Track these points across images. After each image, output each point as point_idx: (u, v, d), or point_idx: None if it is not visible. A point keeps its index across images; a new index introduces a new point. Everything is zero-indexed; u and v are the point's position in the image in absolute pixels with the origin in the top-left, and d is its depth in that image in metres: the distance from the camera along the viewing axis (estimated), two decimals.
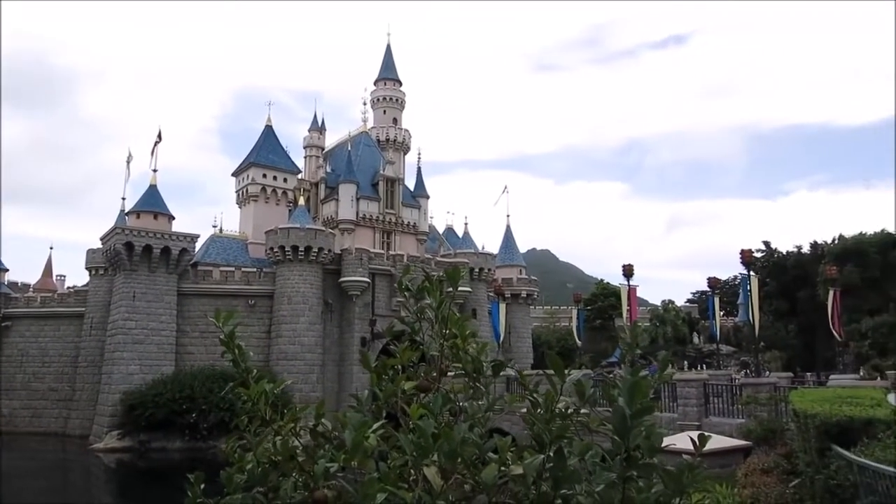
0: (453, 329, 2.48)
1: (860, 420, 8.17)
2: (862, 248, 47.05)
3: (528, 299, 60.86)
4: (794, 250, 55.01)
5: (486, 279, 54.44)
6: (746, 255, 23.24)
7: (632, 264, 27.79)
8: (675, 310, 68.17)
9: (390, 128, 60.90)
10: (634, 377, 1.96)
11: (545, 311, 79.21)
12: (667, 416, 20.97)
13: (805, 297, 48.02)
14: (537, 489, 1.91)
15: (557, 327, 72.16)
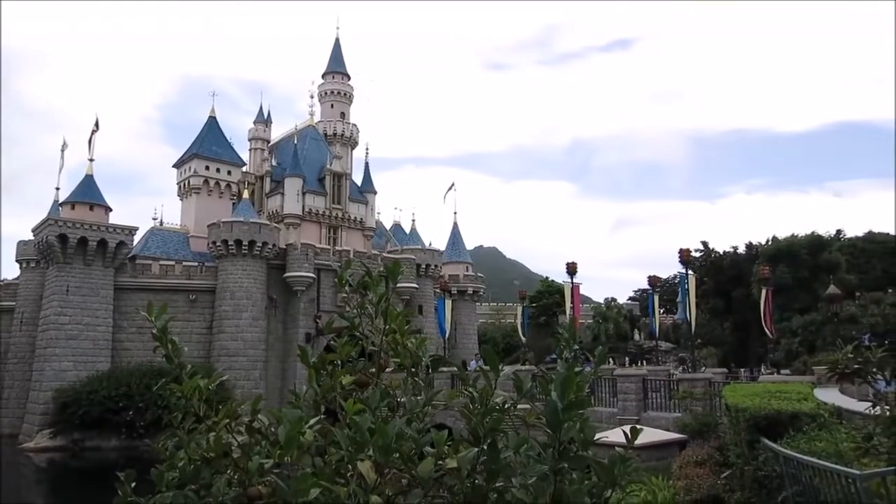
0: (393, 324, 2.49)
1: (787, 413, 8.54)
2: (794, 250, 49.15)
3: (475, 296, 61.27)
4: (730, 251, 57.03)
5: (432, 276, 54.54)
6: (684, 254, 23.95)
7: (575, 262, 28.29)
8: (617, 307, 69.77)
9: (338, 122, 60.24)
10: (567, 371, 2.01)
11: (491, 307, 79.91)
12: (607, 410, 21.45)
13: (740, 295, 49.83)
14: (472, 482, 1.93)
15: (503, 324, 72.94)
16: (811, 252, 49.15)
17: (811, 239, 50.74)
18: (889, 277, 55.32)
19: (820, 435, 7.37)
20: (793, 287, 46.47)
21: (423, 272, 53.98)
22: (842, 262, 50.79)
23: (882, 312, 43.21)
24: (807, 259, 48.50)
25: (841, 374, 5.35)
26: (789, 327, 43.56)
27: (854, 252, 56.93)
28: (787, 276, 46.65)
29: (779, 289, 43.20)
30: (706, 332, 52.38)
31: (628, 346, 64.41)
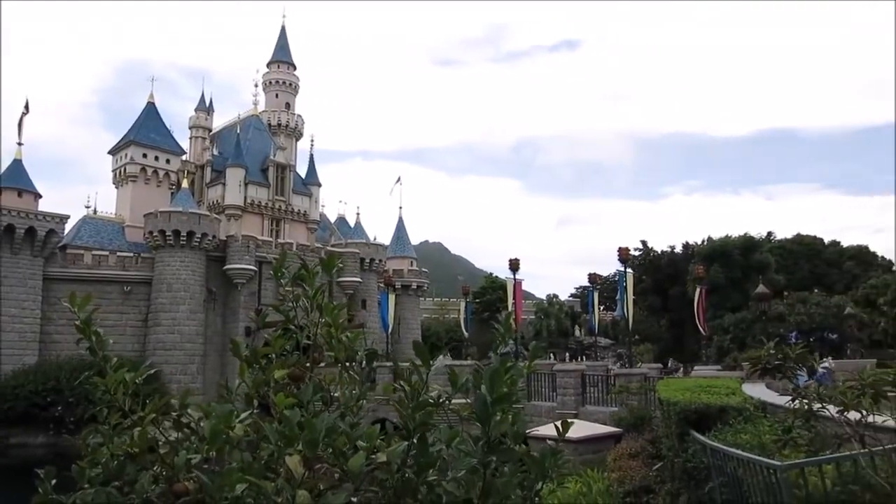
0: (328, 317, 2.46)
1: (715, 407, 8.87)
2: (727, 250, 50.92)
3: (419, 291, 61.28)
4: (668, 250, 58.70)
5: (376, 270, 54.28)
6: (623, 252, 24.53)
7: (518, 259, 28.62)
8: (558, 304, 70.90)
9: (282, 112, 59.19)
10: (497, 365, 2.03)
11: (435, 302, 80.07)
12: (546, 405, 21.83)
13: (676, 293, 51.35)
14: (402, 476, 1.94)
15: (447, 319, 73.17)
16: (743, 252, 51.05)
17: (744, 240, 52.69)
18: (815, 278, 58.04)
19: (745, 428, 7.69)
20: (726, 286, 48.19)
21: (367, 266, 53.65)
22: (771, 263, 52.92)
23: (808, 311, 45.25)
24: (739, 259, 50.35)
25: (763, 369, 5.59)
26: (721, 325, 45.16)
27: (783, 253, 59.40)
28: (720, 276, 48.33)
29: (713, 287, 44.76)
30: (644, 329, 53.83)
31: (569, 342, 65.56)
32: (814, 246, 62.42)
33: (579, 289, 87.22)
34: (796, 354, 5.45)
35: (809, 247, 62.12)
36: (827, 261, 61.00)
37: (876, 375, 5.22)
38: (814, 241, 63.29)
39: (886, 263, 64.59)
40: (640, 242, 59.53)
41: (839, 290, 53.13)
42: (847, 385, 5.21)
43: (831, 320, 43.14)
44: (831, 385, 8.29)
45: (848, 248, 63.79)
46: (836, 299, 46.00)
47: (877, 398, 5.06)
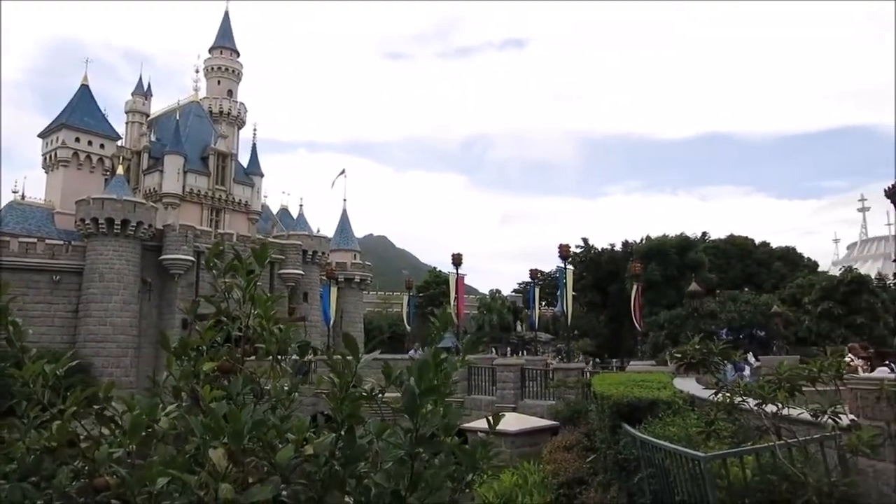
0: (260, 309, 2.44)
1: (646, 401, 9.15)
2: (664, 249, 52.41)
3: (362, 284, 60.90)
4: (608, 248, 59.99)
5: (319, 263, 53.66)
6: (564, 249, 24.98)
7: (461, 254, 28.83)
8: (501, 299, 71.55)
9: (224, 100, 57.73)
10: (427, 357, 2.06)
11: (379, 296, 79.71)
12: (486, 398, 22.06)
13: (615, 290, 52.62)
14: (329, 468, 1.94)
15: (390, 313, 72.93)
16: (679, 251, 52.64)
17: (680, 239, 54.33)
18: (745, 277, 60.29)
19: (674, 420, 7.96)
20: (662, 284, 49.61)
21: (309, 259, 52.98)
22: (705, 262, 54.71)
23: (738, 309, 47.01)
24: (675, 258, 51.89)
25: (688, 364, 5.80)
26: (657, 321, 46.51)
27: (716, 253, 61.43)
28: (657, 274, 49.73)
29: (649, 285, 46.04)
30: (583, 325, 54.92)
31: (510, 336, 66.28)
32: (745, 246, 64.78)
33: (522, 284, 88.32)
34: (719, 350, 5.68)
35: (741, 247, 64.45)
36: (757, 261, 63.40)
37: (791, 370, 5.49)
38: (745, 241, 65.68)
39: (812, 264, 67.66)
40: (582, 240, 60.73)
41: (768, 289, 55.34)
42: (765, 379, 5.47)
43: (760, 318, 44.92)
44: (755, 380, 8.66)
45: (777, 249, 66.45)
46: (765, 298, 47.91)
47: (792, 392, 5.32)
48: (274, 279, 49.04)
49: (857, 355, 17.95)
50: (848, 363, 16.76)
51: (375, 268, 67.70)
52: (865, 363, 16.39)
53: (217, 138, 52.44)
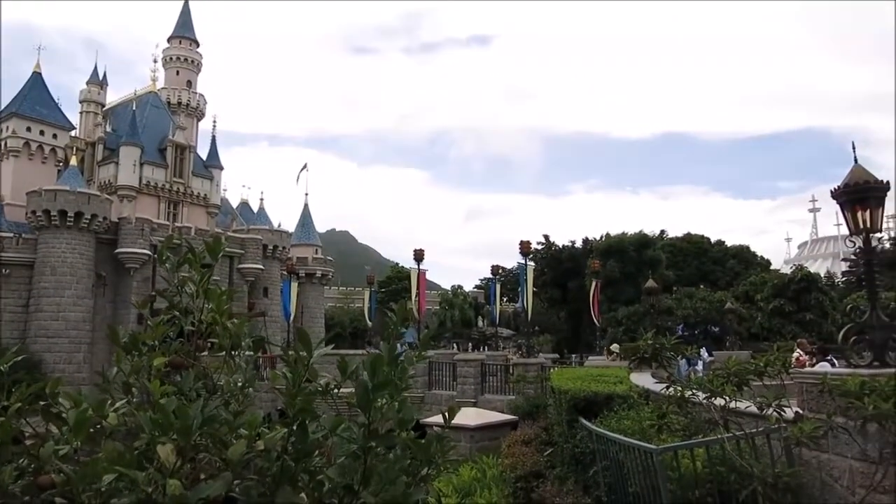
0: (214, 303, 2.42)
1: (603, 395, 9.32)
2: (623, 246, 53.18)
3: (323, 279, 60.44)
4: (569, 245, 60.62)
5: (280, 257, 53.07)
6: (525, 246, 25.20)
7: (423, 249, 28.79)
8: (463, 295, 71.87)
9: (183, 90, 56.56)
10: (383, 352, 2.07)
11: (340, 291, 79.23)
12: (447, 393, 22.15)
13: (575, 286, 53.19)
14: (281, 463, 1.94)
15: (352, 308, 72.56)
16: (638, 249, 53.47)
17: (638, 237, 55.19)
18: (701, 274, 61.62)
19: (629, 414, 8.12)
20: (621, 280, 50.36)
21: (270, 253, 52.35)
22: (663, 259, 55.72)
23: (694, 305, 48.05)
24: (633, 255, 52.70)
25: (641, 358, 5.93)
26: (615, 317, 47.23)
27: (674, 251, 62.66)
28: (616, 271, 50.46)
29: (608, 282, 46.72)
30: (544, 320, 55.43)
31: (472, 332, 66.60)
32: (701, 244, 66.24)
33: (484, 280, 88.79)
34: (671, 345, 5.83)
35: (697, 245, 65.88)
36: (713, 259, 64.89)
37: (739, 365, 5.66)
38: (701, 239, 67.16)
39: (765, 262, 69.59)
40: (543, 237, 61.22)
41: (722, 286, 56.67)
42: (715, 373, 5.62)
43: (714, 314, 45.99)
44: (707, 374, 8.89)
45: (731, 248, 68.12)
46: (719, 295, 49.05)
47: (740, 385, 5.49)
48: (233, 274, 48.36)
49: (805, 350, 18.57)
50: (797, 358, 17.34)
51: (337, 263, 67.23)
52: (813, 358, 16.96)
53: (175, 130, 51.37)
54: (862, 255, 6.23)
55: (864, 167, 6.45)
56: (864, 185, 6.21)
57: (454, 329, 63.97)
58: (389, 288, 72.70)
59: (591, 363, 21.60)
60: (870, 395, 4.60)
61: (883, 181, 6.29)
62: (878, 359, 5.69)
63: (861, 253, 6.22)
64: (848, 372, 5.62)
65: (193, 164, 52.20)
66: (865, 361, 5.75)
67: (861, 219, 6.16)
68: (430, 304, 66.39)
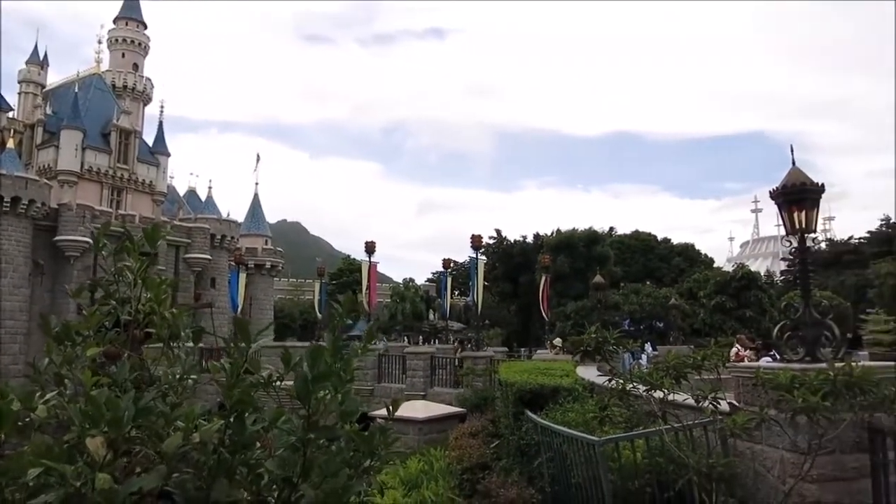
0: (151, 293, 2.36)
1: (549, 388, 9.46)
2: (573, 242, 54.01)
3: (273, 270, 59.62)
4: (520, 239, 61.20)
5: (228, 247, 52.10)
6: (476, 240, 25.35)
7: (374, 241, 28.68)
8: (414, 288, 71.81)
9: (129, 73, 54.81)
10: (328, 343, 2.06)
11: (290, 283, 78.26)
12: (396, 386, 22.15)
13: (526, 281, 53.75)
14: (218, 456, 1.91)
15: (302, 300, 71.76)
16: (587, 245, 54.38)
17: (588, 233, 56.11)
18: (647, 271, 63.08)
19: (573, 407, 8.27)
20: (570, 275, 51.14)
21: (218, 243, 51.35)
22: (611, 256, 56.80)
23: (640, 301, 49.20)
24: (583, 251, 53.58)
25: (584, 351, 6.05)
26: (564, 312, 47.97)
27: (622, 247, 63.97)
28: (566, 266, 51.21)
29: (558, 276, 47.35)
30: (494, 314, 55.88)
31: (423, 325, 66.64)
32: (648, 242, 67.79)
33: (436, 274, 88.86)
34: (614, 339, 5.95)
35: (645, 242, 67.39)
36: (659, 256, 66.47)
37: (677, 359, 5.83)
38: (649, 237, 68.73)
39: (708, 260, 71.63)
40: (495, 231, 61.66)
41: (667, 282, 58.14)
42: (655, 367, 5.77)
43: (659, 310, 47.15)
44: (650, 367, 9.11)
45: (677, 246, 69.91)
46: (665, 291, 50.34)
47: (678, 379, 5.65)
48: (179, 263, 47.26)
49: (744, 346, 19.25)
50: (736, 353, 17.95)
51: (288, 254, 66.36)
52: (752, 353, 17.58)
53: (120, 114, 49.78)
54: (797, 255, 6.47)
55: (801, 170, 6.69)
56: (801, 187, 6.44)
57: (405, 322, 63.90)
58: (340, 280, 72.16)
59: (539, 357, 21.88)
60: (799, 389, 4.80)
61: (818, 183, 6.54)
62: (810, 354, 5.93)
63: (796, 252, 6.46)
64: (780, 366, 5.84)
65: (139, 149, 50.70)
66: (798, 356, 5.99)
67: (797, 219, 6.39)
68: (381, 296, 66.13)
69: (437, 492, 9.88)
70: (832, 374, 4.89)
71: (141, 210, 48.34)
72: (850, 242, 66.96)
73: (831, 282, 55.16)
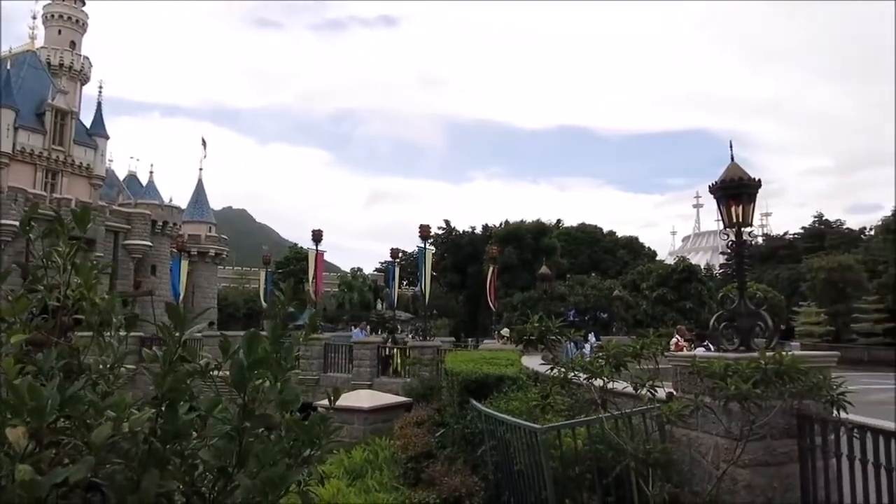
0: (81, 278, 2.27)
1: (494, 377, 9.56)
2: (520, 234, 54.57)
3: (217, 258, 58.40)
4: (469, 230, 61.50)
5: (170, 234, 50.73)
6: (424, 230, 25.34)
7: (321, 230, 28.34)
8: (362, 277, 71.45)
9: (66, 51, 52.56)
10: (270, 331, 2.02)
11: (235, 271, 76.80)
12: (342, 376, 22.01)
13: (474, 272, 54.06)
14: (149, 446, 1.85)
15: (247, 289, 70.54)
16: (535, 236, 55.04)
17: (536, 225, 56.79)
18: (593, 263, 64.29)
19: (517, 395, 8.37)
20: (518, 267, 51.70)
21: (159, 230, 49.93)
22: (558, 247, 57.64)
23: (585, 292, 50.12)
24: (531, 243, 54.21)
25: (527, 341, 6.13)
26: (511, 302, 48.48)
27: (568, 239, 64.98)
28: (513, 257, 51.75)
29: (506, 267, 47.82)
30: (442, 304, 56.07)
31: (371, 315, 66.38)
32: (594, 234, 69.04)
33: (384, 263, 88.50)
34: (556, 328, 6.04)
35: (590, 235, 68.60)
36: (604, 248, 67.80)
37: (617, 348, 5.96)
38: (594, 230, 69.99)
39: (651, 253, 73.51)
40: (444, 222, 61.78)
41: (612, 274, 59.34)
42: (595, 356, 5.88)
43: (604, 301, 48.14)
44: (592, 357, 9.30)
45: (622, 238, 71.48)
46: (609, 283, 51.40)
47: (618, 367, 5.78)
48: (118, 250, 45.80)
49: (684, 336, 19.85)
50: (676, 343, 18.49)
51: (233, 242, 65.07)
52: (691, 343, 18.16)
53: (56, 93, 47.72)
54: (734, 247, 6.68)
55: (739, 165, 6.90)
56: (738, 182, 6.64)
57: (353, 312, 63.55)
58: (287, 269, 71.12)
59: (485, 346, 22.09)
60: (732, 377, 4.97)
61: (755, 179, 6.76)
62: (745, 343, 6.14)
63: (733, 245, 6.67)
64: (715, 355, 6.04)
65: (76, 131, 48.73)
66: (734, 346, 6.20)
67: (734, 213, 6.60)
68: (328, 286, 65.55)
69: (382, 481, 9.89)
70: (763, 362, 5.08)
71: (78, 194, 46.54)
72: (786, 238, 69.76)
73: (767, 275, 57.36)
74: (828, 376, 5.31)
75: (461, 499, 7.24)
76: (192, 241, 52.59)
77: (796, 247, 63.38)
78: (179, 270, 36.02)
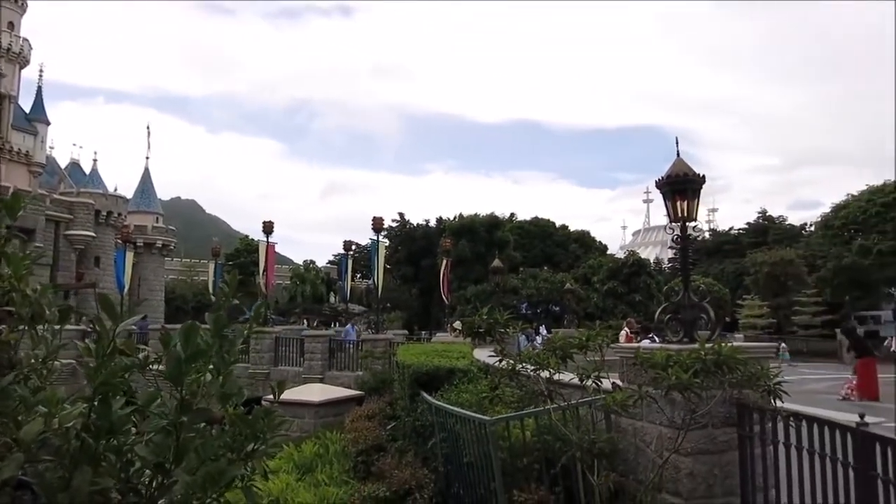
0: (11, 268, 2.19)
1: (445, 369, 9.60)
2: (474, 227, 54.83)
3: (164, 250, 56.96)
4: (423, 223, 61.49)
5: (115, 224, 49.23)
6: (377, 222, 25.22)
7: (272, 221, 27.90)
8: (315, 270, 70.67)
9: (4, 32, 50.28)
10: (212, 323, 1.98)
11: (184, 263, 75.02)
12: (293, 369, 21.77)
13: (427, 264, 54.13)
14: (81, 442, 1.80)
15: (196, 281, 69.04)
16: (488, 230, 55.37)
17: (489, 218, 57.12)
18: (546, 256, 65.02)
19: (468, 388, 8.43)
20: (471, 260, 51.94)
21: (103, 220, 48.39)
22: (511, 241, 58.12)
23: (537, 285, 50.68)
24: (484, 236, 54.53)
25: (476, 333, 6.17)
26: (464, 295, 48.69)
27: (521, 233, 65.52)
28: (467, 250, 51.96)
29: (459, 260, 48.00)
30: (395, 297, 55.91)
31: (323, 307, 65.77)
32: (547, 228, 69.78)
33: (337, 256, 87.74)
34: (504, 320, 6.10)
35: (543, 228, 69.31)
36: (557, 242, 68.60)
37: (563, 340, 6.05)
38: (547, 223, 70.74)
39: (603, 247, 74.78)
40: (398, 214, 61.60)
41: (564, 268, 60.13)
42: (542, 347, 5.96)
43: (555, 294, 48.77)
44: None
45: (574, 232, 72.44)
46: (561, 276, 52.08)
47: (564, 359, 5.87)
48: (59, 240, 44.23)
49: (632, 328, 20.31)
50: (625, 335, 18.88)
51: (181, 233, 63.57)
52: (637, 336, 18.59)
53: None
54: (679, 241, 6.83)
55: (685, 161, 7.05)
56: (684, 177, 6.80)
57: (305, 304, 62.84)
58: (238, 261, 69.77)
59: (438, 339, 22.15)
60: (673, 367, 5.10)
61: (700, 174, 6.93)
62: (688, 335, 6.30)
63: (678, 239, 6.82)
64: (659, 346, 6.18)
65: (14, 116, 46.80)
66: (678, 338, 6.36)
67: (680, 208, 6.75)
68: (280, 278, 64.66)
69: (332, 475, 9.85)
70: (703, 353, 5.22)
71: (16, 182, 44.68)
72: (731, 233, 71.77)
73: (713, 269, 59.00)
74: (765, 366, 5.50)
75: (411, 491, 7.26)
76: (137, 231, 51.16)
77: (741, 242, 65.27)
78: (124, 262, 35.01)
